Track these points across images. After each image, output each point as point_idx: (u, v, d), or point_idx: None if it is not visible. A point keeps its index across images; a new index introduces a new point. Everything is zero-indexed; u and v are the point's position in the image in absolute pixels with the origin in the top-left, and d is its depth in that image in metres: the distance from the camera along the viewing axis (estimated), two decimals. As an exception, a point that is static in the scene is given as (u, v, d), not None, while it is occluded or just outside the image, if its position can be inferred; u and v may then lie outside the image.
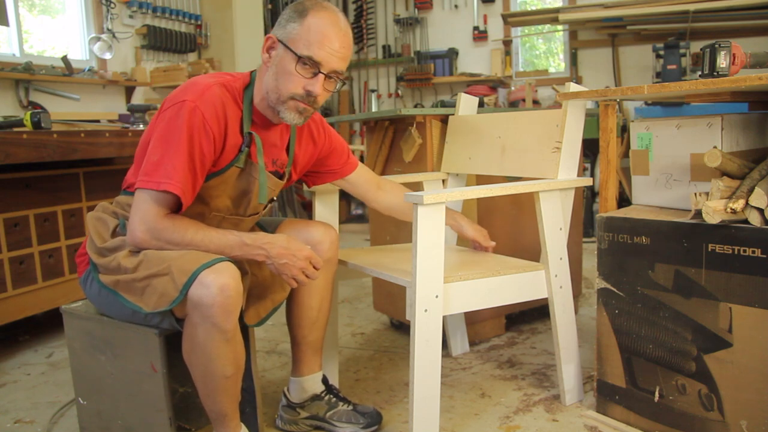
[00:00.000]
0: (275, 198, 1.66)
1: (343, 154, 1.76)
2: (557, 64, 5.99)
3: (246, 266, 1.51)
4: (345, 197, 4.93)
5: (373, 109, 6.23)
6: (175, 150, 1.34)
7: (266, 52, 1.45)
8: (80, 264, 1.54)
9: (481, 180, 2.19)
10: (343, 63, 1.45)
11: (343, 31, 1.43)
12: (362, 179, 1.81)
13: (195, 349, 1.33)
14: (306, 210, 5.26)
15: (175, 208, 1.38)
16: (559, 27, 5.54)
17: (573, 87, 1.72)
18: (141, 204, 1.35)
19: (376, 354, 2.30)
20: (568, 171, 1.72)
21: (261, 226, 1.71)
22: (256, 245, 1.40)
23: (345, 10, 6.54)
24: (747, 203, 1.38)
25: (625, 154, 4.04)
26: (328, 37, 1.40)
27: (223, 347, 1.33)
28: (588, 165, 4.50)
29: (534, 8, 5.81)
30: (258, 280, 1.60)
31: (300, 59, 1.39)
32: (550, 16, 5.15)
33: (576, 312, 2.42)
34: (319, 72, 1.41)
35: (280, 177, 1.60)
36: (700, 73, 1.63)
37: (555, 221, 1.71)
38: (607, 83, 5.32)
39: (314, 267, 1.45)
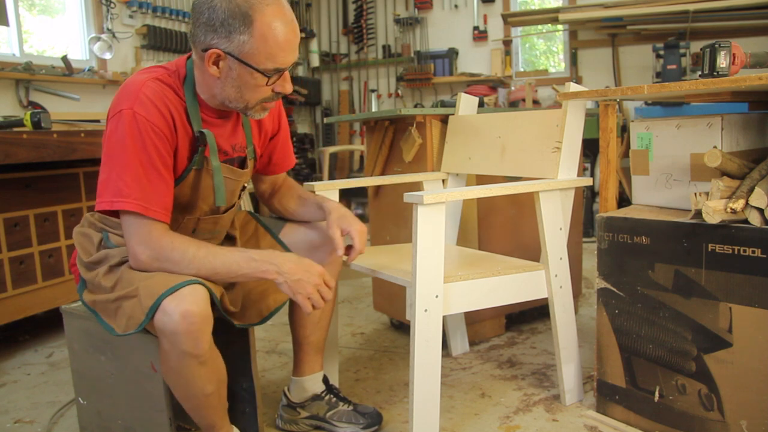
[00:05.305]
0: (246, 185, 1.60)
1: (288, 142, 1.68)
2: (557, 64, 5.99)
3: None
4: (344, 197, 4.93)
5: (373, 109, 6.23)
6: (122, 165, 1.27)
7: (212, 65, 1.31)
8: (75, 273, 1.54)
9: (481, 180, 2.19)
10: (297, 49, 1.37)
11: (292, 21, 1.31)
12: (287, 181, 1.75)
13: (170, 372, 1.30)
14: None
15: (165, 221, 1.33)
16: (559, 27, 5.54)
17: (573, 87, 1.72)
18: (130, 228, 1.30)
19: (376, 354, 2.30)
20: (568, 171, 1.72)
21: (266, 227, 1.71)
22: (266, 260, 1.33)
23: (345, 10, 6.54)
24: (747, 203, 1.38)
25: (625, 154, 4.04)
26: (286, 39, 1.30)
27: (198, 369, 1.28)
28: (588, 165, 4.50)
29: (534, 8, 5.81)
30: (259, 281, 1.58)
31: (267, 76, 1.32)
32: (550, 16, 5.14)
33: (576, 312, 2.42)
34: (283, 71, 1.34)
35: (243, 161, 1.53)
36: (700, 73, 1.63)
37: (555, 221, 1.71)
38: (607, 83, 5.32)
39: (327, 285, 1.38)
